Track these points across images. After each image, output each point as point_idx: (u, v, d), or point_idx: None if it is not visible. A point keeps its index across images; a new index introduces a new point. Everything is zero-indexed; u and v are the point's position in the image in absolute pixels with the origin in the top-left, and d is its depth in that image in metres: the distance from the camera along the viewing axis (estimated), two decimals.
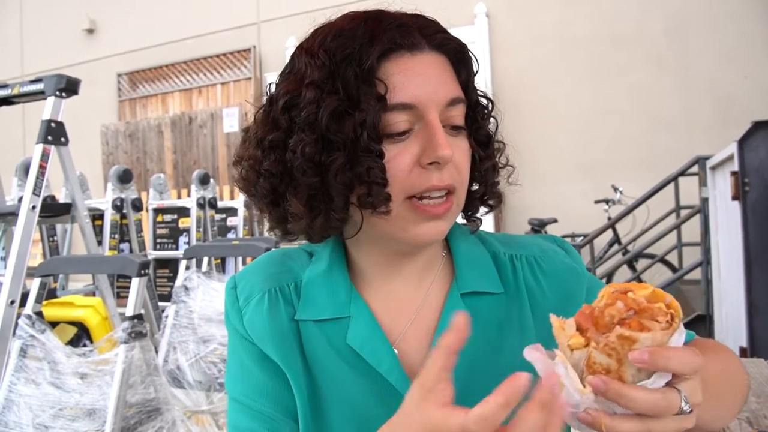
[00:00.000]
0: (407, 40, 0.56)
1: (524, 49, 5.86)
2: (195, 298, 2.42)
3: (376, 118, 0.54)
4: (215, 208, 4.53)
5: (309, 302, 0.64)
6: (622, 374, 0.42)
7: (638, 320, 0.42)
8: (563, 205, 5.52)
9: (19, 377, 1.74)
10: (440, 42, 0.59)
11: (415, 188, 0.56)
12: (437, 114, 0.56)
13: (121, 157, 7.84)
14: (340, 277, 0.64)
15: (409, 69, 0.56)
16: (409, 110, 0.56)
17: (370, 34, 0.55)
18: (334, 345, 0.62)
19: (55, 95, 2.21)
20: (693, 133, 5.17)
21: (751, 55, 5.06)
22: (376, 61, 0.55)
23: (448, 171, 0.57)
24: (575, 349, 0.44)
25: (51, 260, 2.02)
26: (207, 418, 2.31)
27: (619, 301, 0.43)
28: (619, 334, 0.42)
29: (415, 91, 0.55)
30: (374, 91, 0.54)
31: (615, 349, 0.42)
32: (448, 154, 0.55)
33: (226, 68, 7.50)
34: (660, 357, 0.41)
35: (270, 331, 0.63)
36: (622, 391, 0.41)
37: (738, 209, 2.89)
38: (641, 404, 0.41)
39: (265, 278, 0.66)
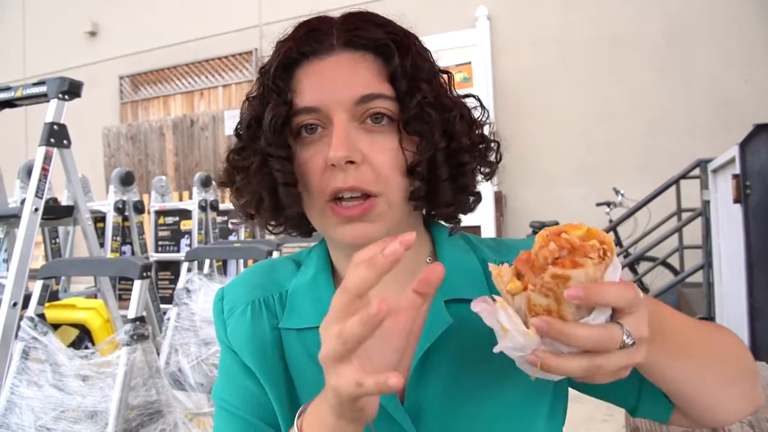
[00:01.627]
0: (309, 47, 0.58)
1: (525, 52, 5.86)
2: (196, 301, 2.42)
3: (276, 120, 0.57)
4: (217, 210, 4.53)
5: (293, 311, 0.64)
6: (562, 313, 0.43)
7: (571, 259, 0.43)
8: (564, 208, 5.52)
9: (21, 379, 1.74)
10: (348, 40, 0.58)
11: (327, 190, 0.57)
12: (344, 114, 0.56)
13: (123, 159, 7.86)
14: (325, 285, 0.64)
15: (316, 73, 0.58)
16: (314, 113, 0.57)
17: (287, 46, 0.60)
18: (313, 354, 0.60)
19: (58, 98, 2.22)
20: (694, 136, 5.17)
21: (752, 57, 5.06)
22: (282, 71, 0.59)
23: (355, 172, 0.55)
24: (514, 294, 0.45)
25: (53, 262, 2.03)
26: (208, 421, 2.31)
27: (551, 242, 0.44)
28: (552, 273, 0.42)
29: (318, 94, 0.57)
30: (279, 98, 0.58)
31: (551, 289, 0.42)
32: (335, 156, 0.54)
33: (228, 71, 7.52)
34: (594, 292, 0.41)
35: (250, 343, 0.64)
36: (563, 329, 0.42)
37: (739, 212, 2.89)
38: (583, 340, 0.42)
39: (251, 289, 0.67)
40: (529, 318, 0.44)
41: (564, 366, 0.43)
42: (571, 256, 0.43)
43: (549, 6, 5.79)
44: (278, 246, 2.57)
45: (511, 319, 0.44)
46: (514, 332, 0.44)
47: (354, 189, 0.56)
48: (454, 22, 5.68)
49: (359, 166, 0.56)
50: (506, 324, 0.44)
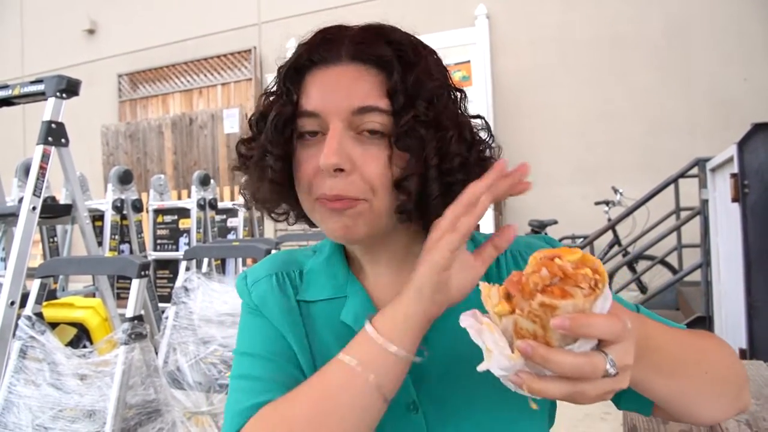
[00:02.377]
0: (318, 55, 0.62)
1: (525, 51, 5.86)
2: (195, 299, 2.41)
3: (278, 119, 0.62)
4: (215, 209, 4.53)
5: (310, 286, 0.69)
6: (548, 339, 0.43)
7: (561, 287, 0.43)
8: (563, 207, 5.53)
9: (18, 378, 1.74)
10: (353, 53, 0.61)
11: (315, 192, 0.62)
12: (340, 123, 0.59)
13: (122, 157, 7.85)
14: (339, 263, 0.70)
15: (322, 81, 0.61)
16: (314, 118, 0.61)
17: (301, 51, 0.63)
18: (329, 324, 0.66)
19: (56, 96, 2.21)
20: (693, 135, 5.18)
21: (751, 57, 5.07)
22: (293, 73, 0.63)
23: (343, 181, 0.59)
24: (502, 315, 0.45)
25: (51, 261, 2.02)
26: (207, 420, 2.31)
27: (543, 268, 0.44)
28: (540, 302, 0.42)
29: (320, 100, 0.61)
30: (286, 99, 0.62)
31: (539, 316, 0.43)
32: (325, 163, 0.58)
33: (227, 69, 7.51)
34: (580, 324, 0.42)
35: (279, 305, 0.68)
36: (547, 355, 0.43)
37: (738, 211, 2.89)
38: (566, 368, 0.43)
39: (270, 266, 0.72)
40: (515, 340, 0.45)
41: (547, 389, 0.44)
42: (562, 284, 0.44)
43: (548, 5, 5.79)
44: (277, 244, 2.57)
45: (497, 342, 0.45)
46: (498, 355, 0.45)
47: (337, 197, 0.59)
48: (453, 21, 5.67)
49: (348, 175, 0.59)
50: (491, 346, 0.45)
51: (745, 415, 1.11)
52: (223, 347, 2.32)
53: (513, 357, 0.44)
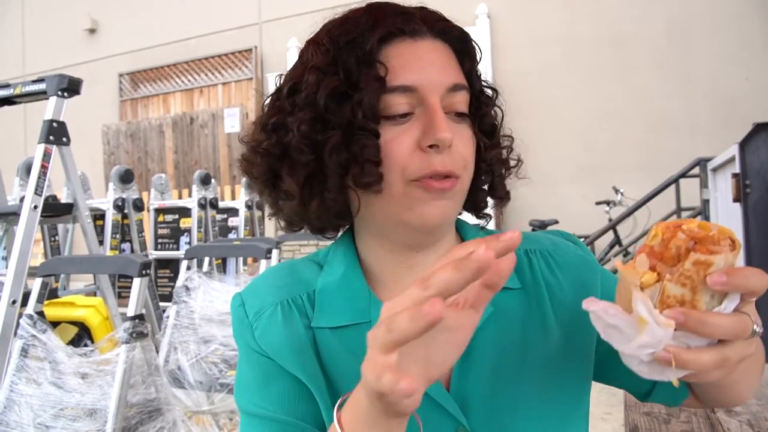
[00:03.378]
0: (408, 26, 0.57)
1: (526, 50, 5.86)
2: (196, 299, 2.42)
3: (373, 98, 0.54)
4: (216, 208, 4.53)
5: (325, 310, 0.62)
6: (696, 303, 0.42)
7: (704, 247, 0.42)
8: (564, 207, 5.52)
9: (20, 377, 1.74)
10: (442, 29, 0.59)
11: (416, 172, 0.55)
12: (438, 98, 0.56)
13: (123, 157, 7.85)
14: (357, 282, 0.62)
15: (410, 53, 0.57)
16: (410, 93, 0.56)
17: (373, 20, 0.57)
18: (353, 351, 0.59)
19: (57, 95, 2.21)
20: (694, 134, 5.17)
21: (752, 57, 5.06)
22: (376, 45, 0.56)
23: (449, 156, 0.56)
24: (646, 286, 0.43)
25: (52, 260, 2.03)
26: (208, 419, 2.31)
27: (679, 233, 0.43)
28: (695, 260, 0.41)
29: (417, 74, 0.56)
30: (374, 72, 0.55)
31: (690, 278, 0.42)
32: (447, 137, 0.54)
33: (228, 68, 7.51)
34: (738, 276, 0.41)
35: (287, 344, 0.61)
36: (703, 318, 0.41)
37: (739, 211, 2.89)
38: (724, 329, 0.41)
39: (275, 291, 0.64)
40: (660, 311, 0.42)
41: (697, 359, 0.42)
42: (700, 245, 0.42)
43: (549, 5, 5.79)
44: (278, 244, 2.57)
45: (651, 311, 0.42)
46: (653, 324, 0.42)
47: (450, 173, 0.56)
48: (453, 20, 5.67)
49: (452, 152, 0.56)
50: (645, 315, 0.42)
51: (747, 415, 1.11)
52: (224, 346, 2.32)
53: (669, 323, 0.41)
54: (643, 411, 1.19)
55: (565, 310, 0.62)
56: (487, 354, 0.59)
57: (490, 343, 0.59)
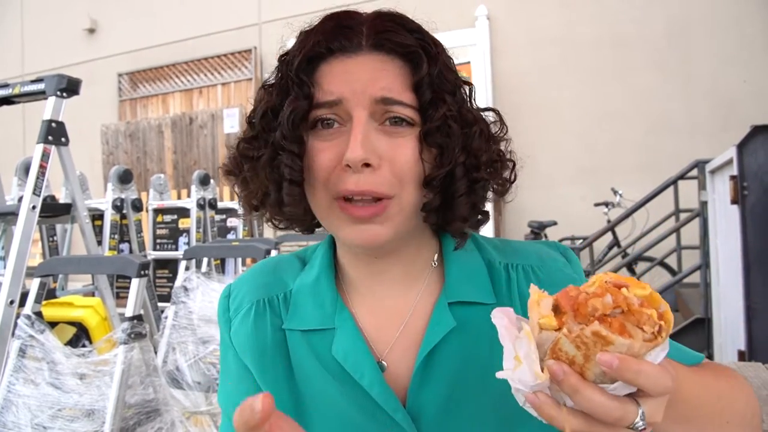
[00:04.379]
0: (339, 43, 0.57)
1: (525, 52, 5.86)
2: (194, 299, 2.42)
3: (295, 115, 0.55)
4: (215, 208, 4.53)
5: (297, 312, 0.63)
6: (585, 371, 0.39)
7: (622, 322, 0.39)
8: (563, 208, 5.52)
9: (17, 377, 1.74)
10: (378, 42, 0.57)
11: (335, 189, 0.55)
12: (364, 112, 0.55)
13: (122, 157, 7.85)
14: (327, 287, 0.63)
15: (343, 70, 0.56)
16: (335, 107, 0.55)
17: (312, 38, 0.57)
18: (320, 356, 0.61)
19: (56, 95, 2.21)
20: (693, 136, 5.18)
21: (751, 59, 5.07)
22: (306, 64, 0.56)
23: (372, 175, 0.54)
24: (544, 329, 0.41)
25: (51, 260, 2.02)
26: (206, 419, 2.31)
27: (609, 295, 0.39)
28: (595, 331, 0.38)
29: (339, 88, 0.55)
30: (300, 91, 0.56)
31: (586, 344, 0.38)
32: (354, 157, 0.52)
33: (227, 69, 7.51)
34: (629, 368, 0.37)
35: (251, 344, 0.63)
36: (579, 387, 0.39)
37: (737, 213, 2.90)
38: (595, 407, 0.39)
39: (256, 288, 0.66)
40: (548, 357, 0.40)
41: (560, 420, 0.40)
42: (623, 318, 0.39)
43: (549, 6, 5.79)
44: (277, 244, 2.57)
45: (530, 356, 0.40)
46: (526, 369, 0.40)
47: (365, 194, 0.54)
48: (453, 22, 5.67)
49: (375, 170, 0.54)
50: (521, 357, 0.41)
51: None
52: None
53: (540, 376, 0.39)
54: None
55: None
56: (448, 369, 0.58)
57: (452, 358, 0.58)
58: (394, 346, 0.61)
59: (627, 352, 0.38)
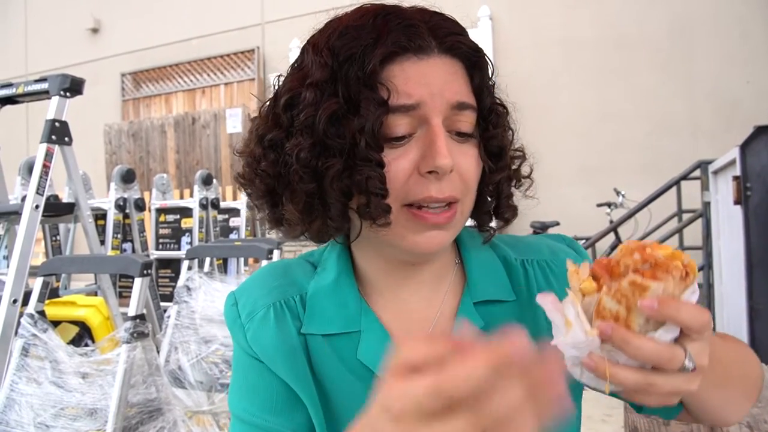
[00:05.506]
0: (414, 42, 0.53)
1: (527, 52, 5.86)
2: (197, 299, 2.42)
3: (376, 125, 0.51)
4: (218, 208, 4.53)
5: (316, 315, 0.60)
6: (630, 323, 0.42)
7: (653, 271, 0.42)
8: (566, 208, 5.52)
9: (20, 376, 1.75)
10: (450, 45, 0.55)
11: (411, 197, 0.53)
12: (440, 119, 0.53)
13: (124, 156, 7.86)
14: (349, 289, 0.61)
15: (414, 72, 0.53)
16: (411, 112, 0.52)
17: (376, 34, 0.52)
18: (344, 360, 0.59)
19: (60, 95, 2.22)
20: (696, 137, 5.17)
21: (754, 59, 5.06)
22: (378, 65, 0.52)
23: (449, 181, 0.53)
24: (586, 294, 0.44)
25: (54, 259, 2.03)
26: (208, 419, 2.31)
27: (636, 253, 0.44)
28: (631, 281, 0.42)
29: (418, 92, 0.52)
30: (376, 95, 0.51)
31: (626, 296, 0.42)
32: (446, 164, 0.51)
33: (230, 69, 7.52)
34: (669, 306, 0.40)
35: (278, 347, 0.60)
36: (627, 337, 0.41)
37: (740, 214, 2.89)
38: (645, 352, 0.41)
39: (268, 292, 0.62)
40: (594, 320, 0.43)
41: (618, 375, 0.42)
42: (652, 270, 0.43)
43: (551, 6, 5.79)
44: (279, 244, 2.57)
45: (579, 316, 0.43)
46: (577, 329, 0.43)
47: (448, 200, 0.54)
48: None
49: (452, 176, 0.54)
50: (572, 318, 0.43)
51: (747, 417, 1.11)
52: (225, 347, 2.32)
53: (591, 332, 0.42)
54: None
55: None
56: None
57: None
58: None
59: (664, 294, 0.41)
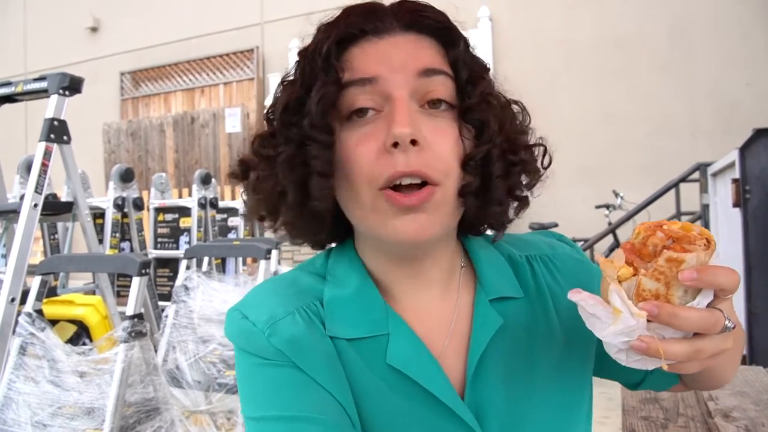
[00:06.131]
0: (371, 24, 0.53)
1: (527, 53, 5.86)
2: (195, 298, 2.42)
3: (325, 100, 0.51)
4: (216, 208, 4.53)
5: (337, 320, 0.57)
6: (669, 297, 0.45)
7: (680, 245, 0.45)
8: (564, 210, 5.52)
9: (18, 375, 1.74)
10: (412, 21, 0.54)
11: (380, 177, 0.50)
12: (405, 91, 0.51)
13: (123, 155, 7.86)
14: (371, 292, 0.58)
15: (372, 50, 0.53)
16: (369, 86, 0.51)
17: (337, 24, 0.54)
18: (371, 366, 0.56)
19: (59, 93, 2.21)
20: (695, 138, 5.18)
21: (753, 61, 5.07)
22: (335, 48, 0.52)
23: (417, 155, 0.50)
24: (623, 279, 0.46)
25: (52, 258, 2.02)
26: (205, 418, 2.31)
27: (658, 231, 0.46)
28: (668, 257, 0.44)
29: (376, 67, 0.51)
30: (329, 75, 0.51)
31: (663, 273, 0.44)
32: (404, 132, 0.49)
33: (229, 68, 7.51)
34: (708, 273, 0.43)
35: (315, 348, 0.55)
36: (674, 311, 0.43)
37: (739, 216, 2.89)
38: (694, 322, 0.43)
39: (283, 301, 0.57)
40: (636, 303, 0.45)
41: (670, 350, 0.44)
42: (677, 244, 0.46)
43: (551, 7, 5.79)
44: (277, 244, 2.57)
45: (624, 301, 0.45)
46: (626, 314, 0.44)
47: (416, 174, 0.50)
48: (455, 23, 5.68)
49: (421, 150, 0.50)
50: (619, 306, 0.45)
51: (745, 420, 1.11)
52: (223, 346, 2.32)
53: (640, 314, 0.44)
54: (640, 415, 1.19)
55: (568, 316, 0.61)
56: (499, 364, 0.58)
57: (499, 355, 0.58)
58: (447, 349, 0.59)
59: (697, 263, 0.44)
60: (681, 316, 0.43)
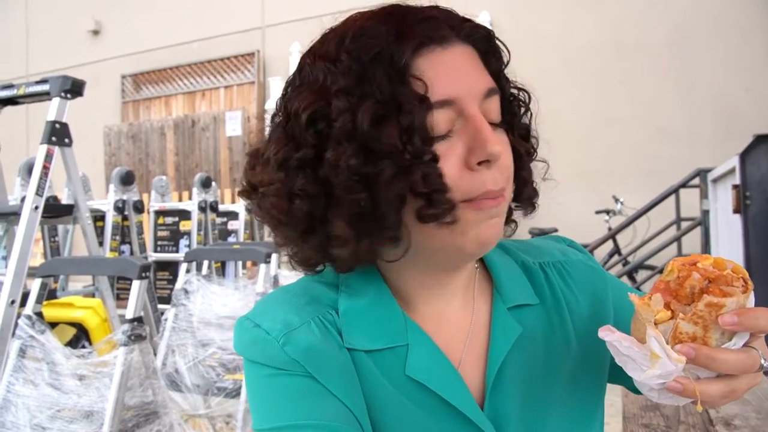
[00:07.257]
0: (437, 33, 0.51)
1: (527, 58, 5.87)
2: (195, 302, 2.42)
3: (423, 119, 0.49)
4: (216, 211, 4.53)
5: (354, 331, 0.55)
6: (707, 340, 0.45)
7: (717, 287, 0.45)
8: (564, 215, 5.51)
9: (17, 377, 1.74)
10: (468, 32, 0.53)
11: (467, 194, 0.50)
12: (478, 108, 0.51)
13: (124, 158, 7.86)
14: (390, 302, 0.57)
15: (441, 63, 0.50)
16: (450, 107, 0.50)
17: (397, 29, 0.50)
18: (390, 378, 0.55)
19: (60, 96, 2.22)
20: (695, 144, 5.18)
21: (753, 67, 5.08)
22: (410, 58, 0.49)
23: (499, 171, 0.51)
24: (660, 322, 0.46)
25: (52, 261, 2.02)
26: (204, 422, 2.30)
27: (694, 272, 0.46)
28: (707, 302, 0.44)
29: (453, 85, 0.50)
30: (413, 90, 0.49)
31: (702, 317, 0.44)
32: (498, 150, 0.49)
33: (230, 72, 7.53)
34: (749, 317, 0.43)
35: (332, 360, 0.54)
36: (712, 354, 0.43)
37: (739, 222, 2.89)
38: (732, 365, 0.44)
39: (297, 309, 0.56)
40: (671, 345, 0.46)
41: (706, 391, 0.44)
42: (714, 285, 0.45)
43: (551, 12, 5.81)
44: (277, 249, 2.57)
45: (663, 347, 0.45)
46: (665, 359, 0.45)
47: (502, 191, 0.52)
48: None
49: (499, 165, 0.51)
50: (657, 351, 0.45)
51: (747, 429, 1.11)
52: (222, 350, 2.32)
53: (679, 359, 0.44)
54: (641, 422, 1.18)
55: (583, 324, 0.61)
56: (517, 373, 0.57)
57: (518, 364, 0.58)
58: (465, 359, 0.58)
59: (736, 307, 0.44)
60: (719, 360, 0.44)
